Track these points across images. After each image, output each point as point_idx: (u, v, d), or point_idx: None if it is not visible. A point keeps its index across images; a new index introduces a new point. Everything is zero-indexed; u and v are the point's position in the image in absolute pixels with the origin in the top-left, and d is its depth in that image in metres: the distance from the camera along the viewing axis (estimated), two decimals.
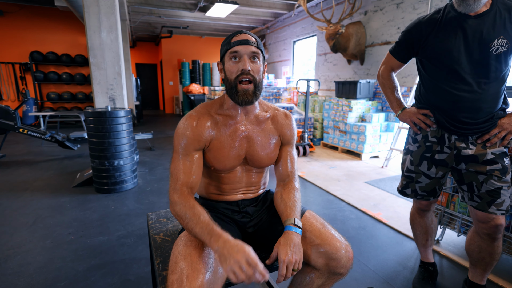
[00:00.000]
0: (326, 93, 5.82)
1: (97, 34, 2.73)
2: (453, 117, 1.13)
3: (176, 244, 0.82)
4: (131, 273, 1.50)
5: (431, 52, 1.13)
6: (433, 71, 1.16)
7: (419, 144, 1.27)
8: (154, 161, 3.74)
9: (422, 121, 1.23)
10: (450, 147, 1.19)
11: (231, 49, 0.87)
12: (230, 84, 0.88)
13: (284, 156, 1.02)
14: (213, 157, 0.93)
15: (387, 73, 1.35)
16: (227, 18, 6.82)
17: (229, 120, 0.94)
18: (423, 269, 1.45)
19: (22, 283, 1.43)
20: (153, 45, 10.79)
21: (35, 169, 3.37)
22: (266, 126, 0.99)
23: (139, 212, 2.23)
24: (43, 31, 7.01)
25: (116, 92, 2.90)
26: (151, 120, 8.01)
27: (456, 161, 1.19)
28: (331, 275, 0.89)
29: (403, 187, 1.35)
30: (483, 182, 1.14)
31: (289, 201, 0.94)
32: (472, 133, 1.14)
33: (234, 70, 0.87)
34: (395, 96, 1.35)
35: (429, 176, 1.26)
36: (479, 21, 1.04)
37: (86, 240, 1.83)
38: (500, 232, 1.18)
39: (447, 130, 1.18)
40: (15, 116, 3.57)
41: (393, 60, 1.31)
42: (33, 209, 2.28)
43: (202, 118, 0.92)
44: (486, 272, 1.27)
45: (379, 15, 4.40)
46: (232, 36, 0.89)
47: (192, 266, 0.73)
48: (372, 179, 3.02)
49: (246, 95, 0.87)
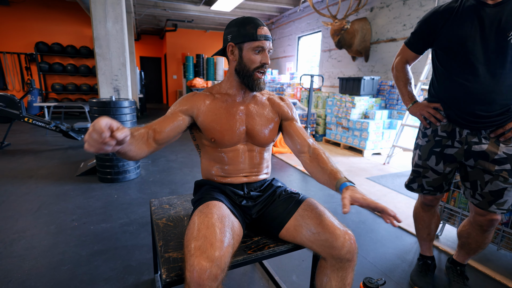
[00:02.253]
0: (329, 90, 5.81)
1: (103, 24, 2.74)
2: (466, 110, 1.11)
3: (195, 215, 0.85)
4: (133, 259, 1.53)
5: (446, 42, 1.11)
6: (447, 62, 1.14)
7: (428, 139, 1.25)
8: (156, 153, 3.76)
9: (432, 115, 1.21)
10: (461, 141, 1.16)
11: (257, 41, 0.92)
12: (248, 72, 0.96)
13: (295, 130, 1.06)
14: (210, 127, 0.98)
15: (401, 65, 1.33)
16: (232, 12, 6.79)
17: (227, 97, 1.02)
18: (421, 262, 1.46)
19: (27, 265, 1.46)
20: (157, 39, 10.78)
21: (40, 158, 3.41)
22: (264, 105, 1.07)
23: (141, 202, 2.26)
24: (49, 22, 7.02)
25: (120, 83, 2.91)
26: (155, 114, 8.04)
27: (465, 156, 1.17)
28: (340, 263, 0.87)
29: (410, 182, 1.35)
30: (488, 182, 1.13)
31: (328, 164, 0.95)
32: (485, 127, 1.10)
33: (257, 61, 0.95)
34: (408, 89, 1.33)
35: (436, 172, 1.24)
36: (498, 10, 1.00)
37: (89, 227, 1.86)
38: (493, 226, 1.20)
39: (458, 124, 1.15)
40: (20, 105, 3.60)
41: (408, 52, 1.29)
42: (37, 196, 2.31)
43: (201, 94, 1.02)
44: (468, 255, 1.34)
45: (385, 12, 4.36)
46: (255, 26, 0.93)
47: (216, 236, 0.75)
48: (374, 175, 3.03)
49: (262, 83, 0.98)
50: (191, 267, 0.69)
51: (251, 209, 1.02)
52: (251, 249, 0.95)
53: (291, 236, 0.94)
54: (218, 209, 0.86)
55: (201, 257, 0.69)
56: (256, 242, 0.99)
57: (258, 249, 0.95)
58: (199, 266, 0.68)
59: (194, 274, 0.68)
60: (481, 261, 1.56)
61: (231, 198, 1.02)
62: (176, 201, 1.31)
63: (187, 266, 0.70)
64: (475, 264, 1.53)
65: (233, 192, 1.02)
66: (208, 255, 0.70)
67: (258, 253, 0.93)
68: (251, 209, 1.02)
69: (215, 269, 0.69)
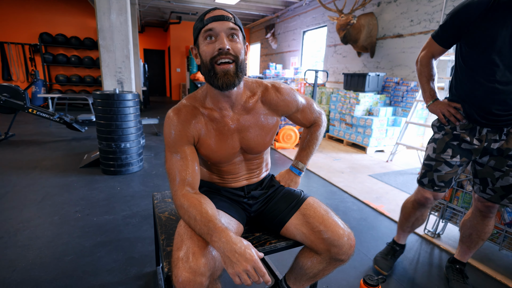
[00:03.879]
0: (334, 85, 5.76)
1: (107, 16, 2.73)
2: (485, 109, 1.09)
3: (181, 223, 0.83)
4: (135, 251, 1.55)
5: (475, 38, 1.06)
6: (471, 59, 1.10)
7: (445, 132, 1.22)
8: (159, 146, 3.78)
9: (453, 115, 1.18)
10: (480, 139, 1.14)
11: (204, 27, 0.77)
12: (206, 67, 0.78)
13: (302, 116, 1.06)
14: (206, 152, 0.91)
15: (426, 59, 1.28)
16: (237, 5, 6.72)
17: (215, 114, 0.88)
18: (389, 246, 1.53)
19: (31, 255, 1.48)
20: (161, 31, 10.72)
21: (44, 149, 3.43)
22: (257, 111, 0.92)
23: (144, 194, 2.27)
24: (53, 13, 7.01)
25: (124, 76, 2.91)
26: (158, 106, 8.04)
27: (481, 153, 1.16)
28: (332, 261, 0.90)
29: (421, 176, 1.32)
30: (498, 178, 1.13)
31: (304, 143, 1.14)
32: (506, 125, 1.09)
33: (210, 50, 0.76)
34: (430, 86, 1.29)
35: (449, 164, 1.21)
36: None
37: (92, 218, 1.88)
38: (491, 213, 1.23)
39: (478, 123, 1.14)
40: (24, 96, 3.62)
41: (435, 46, 1.23)
42: (41, 187, 2.34)
43: (187, 113, 0.86)
44: (469, 250, 1.35)
45: (392, 7, 4.29)
46: (204, 14, 0.79)
47: (198, 244, 0.74)
48: (376, 173, 3.02)
49: (227, 77, 0.77)
50: (175, 278, 0.70)
51: (251, 207, 1.02)
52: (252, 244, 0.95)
53: (291, 234, 0.95)
54: None
55: (183, 267, 0.70)
56: (258, 238, 0.99)
57: (259, 244, 0.95)
58: (183, 278, 0.69)
59: (178, 285, 0.70)
60: (482, 260, 1.56)
61: (230, 197, 1.01)
62: None
63: (173, 276, 0.72)
64: (476, 263, 1.53)
65: (233, 193, 1.01)
66: (190, 265, 0.70)
67: (259, 248, 0.93)
68: (252, 206, 1.02)
69: (199, 278, 0.69)
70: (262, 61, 9.05)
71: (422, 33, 3.84)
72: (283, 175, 1.14)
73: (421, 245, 1.72)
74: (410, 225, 1.45)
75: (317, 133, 1.12)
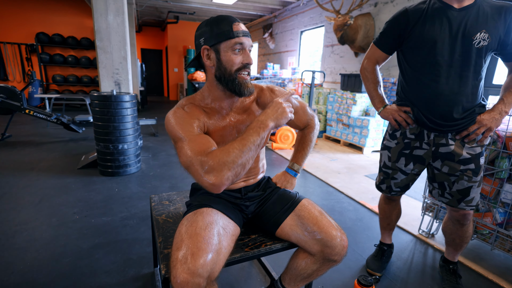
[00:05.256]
0: (331, 86, 5.78)
1: (104, 17, 2.72)
2: (432, 111, 1.14)
3: (182, 223, 0.85)
4: (133, 252, 1.56)
5: (416, 41, 1.13)
6: (415, 62, 1.16)
7: (397, 141, 1.29)
8: (157, 147, 3.78)
9: (404, 119, 1.23)
10: (429, 143, 1.21)
11: (235, 39, 0.82)
12: (229, 75, 0.85)
13: (296, 117, 1.09)
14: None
15: (371, 66, 1.32)
16: (235, 5, 6.72)
17: (216, 113, 0.93)
18: (378, 248, 1.56)
19: (29, 257, 1.49)
20: (159, 30, 10.70)
21: (41, 150, 3.43)
22: (253, 111, 0.98)
23: (142, 196, 2.28)
24: (50, 12, 6.97)
25: (121, 77, 2.91)
26: (155, 106, 8.03)
27: (433, 158, 1.22)
28: (326, 261, 0.92)
29: (380, 182, 1.40)
30: (454, 182, 1.18)
31: (298, 145, 1.17)
32: (451, 130, 1.15)
33: (237, 61, 0.84)
34: (378, 92, 1.34)
35: (404, 172, 1.30)
36: (464, 14, 1.05)
37: (90, 220, 1.89)
38: (468, 220, 1.27)
39: (426, 127, 1.19)
40: (21, 97, 3.61)
41: (378, 52, 1.28)
42: (39, 188, 2.34)
43: (192, 106, 0.90)
44: (456, 251, 1.39)
45: (389, 7, 4.32)
46: (229, 23, 0.83)
47: (197, 245, 0.75)
48: (373, 173, 3.04)
49: (250, 86, 0.88)
50: (174, 279, 0.72)
51: (248, 208, 1.04)
52: (248, 246, 0.97)
53: (286, 235, 0.97)
54: (204, 216, 0.85)
55: (182, 268, 0.71)
56: (253, 240, 1.01)
57: (255, 246, 0.97)
58: (181, 279, 0.71)
59: (176, 286, 0.71)
60: (474, 260, 1.59)
61: (228, 199, 1.03)
62: (176, 197, 1.33)
63: (171, 277, 0.73)
64: (468, 263, 1.56)
65: (230, 195, 1.03)
66: (189, 266, 0.71)
67: (255, 250, 0.95)
68: (248, 207, 1.04)
69: (197, 279, 0.71)
70: (260, 61, 9.06)
71: None
72: (279, 176, 1.17)
73: (415, 245, 1.75)
74: (388, 221, 1.51)
75: (311, 135, 1.15)
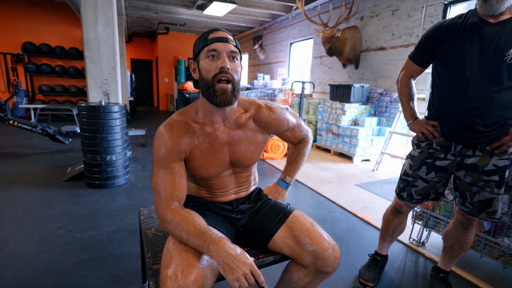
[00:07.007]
0: (320, 96, 5.88)
1: (93, 27, 2.71)
2: (459, 126, 1.14)
3: (170, 239, 0.83)
4: (120, 268, 1.51)
5: (446, 57, 1.14)
6: (446, 77, 1.17)
7: (421, 150, 1.29)
8: (146, 158, 3.72)
9: (431, 133, 1.24)
10: (454, 154, 1.20)
11: (208, 46, 0.81)
12: (206, 84, 0.83)
13: (292, 134, 1.10)
14: (196, 167, 0.92)
15: (406, 79, 1.34)
16: (225, 17, 6.82)
17: (207, 128, 0.90)
18: (371, 257, 1.56)
19: (10, 276, 1.42)
20: (149, 41, 10.71)
21: (25, 162, 3.32)
22: (248, 127, 0.96)
23: (130, 208, 2.23)
24: (37, 22, 6.89)
25: (110, 87, 2.88)
26: (145, 117, 7.95)
27: (456, 167, 1.21)
28: (318, 273, 0.91)
29: (400, 190, 1.38)
30: (476, 192, 1.18)
31: (291, 158, 1.18)
32: (480, 143, 1.14)
33: (212, 68, 0.81)
34: (410, 105, 1.35)
35: (425, 180, 1.28)
36: (498, 29, 1.03)
37: (75, 235, 1.82)
38: (472, 225, 1.28)
39: (454, 140, 1.19)
40: (5, 108, 3.51)
41: (412, 66, 1.30)
42: (22, 202, 2.25)
43: (179, 129, 0.87)
44: (452, 259, 1.40)
45: (374, 21, 4.47)
46: (208, 33, 0.84)
47: (187, 261, 0.74)
48: (363, 182, 3.07)
49: (225, 95, 0.82)
50: None
51: (239, 221, 1.03)
52: None
53: (278, 248, 0.95)
54: None
55: (172, 286, 0.70)
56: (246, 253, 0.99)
57: None
58: None
59: None
60: (464, 268, 1.60)
61: (219, 213, 1.01)
62: None
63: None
64: (458, 271, 1.57)
65: (221, 208, 1.02)
66: (179, 283, 0.70)
67: None
68: (240, 220, 1.03)
69: None
70: (250, 72, 9.15)
71: (403, 46, 4.01)
72: (270, 188, 1.16)
73: (406, 254, 1.75)
74: (390, 233, 1.50)
75: (304, 149, 1.16)
